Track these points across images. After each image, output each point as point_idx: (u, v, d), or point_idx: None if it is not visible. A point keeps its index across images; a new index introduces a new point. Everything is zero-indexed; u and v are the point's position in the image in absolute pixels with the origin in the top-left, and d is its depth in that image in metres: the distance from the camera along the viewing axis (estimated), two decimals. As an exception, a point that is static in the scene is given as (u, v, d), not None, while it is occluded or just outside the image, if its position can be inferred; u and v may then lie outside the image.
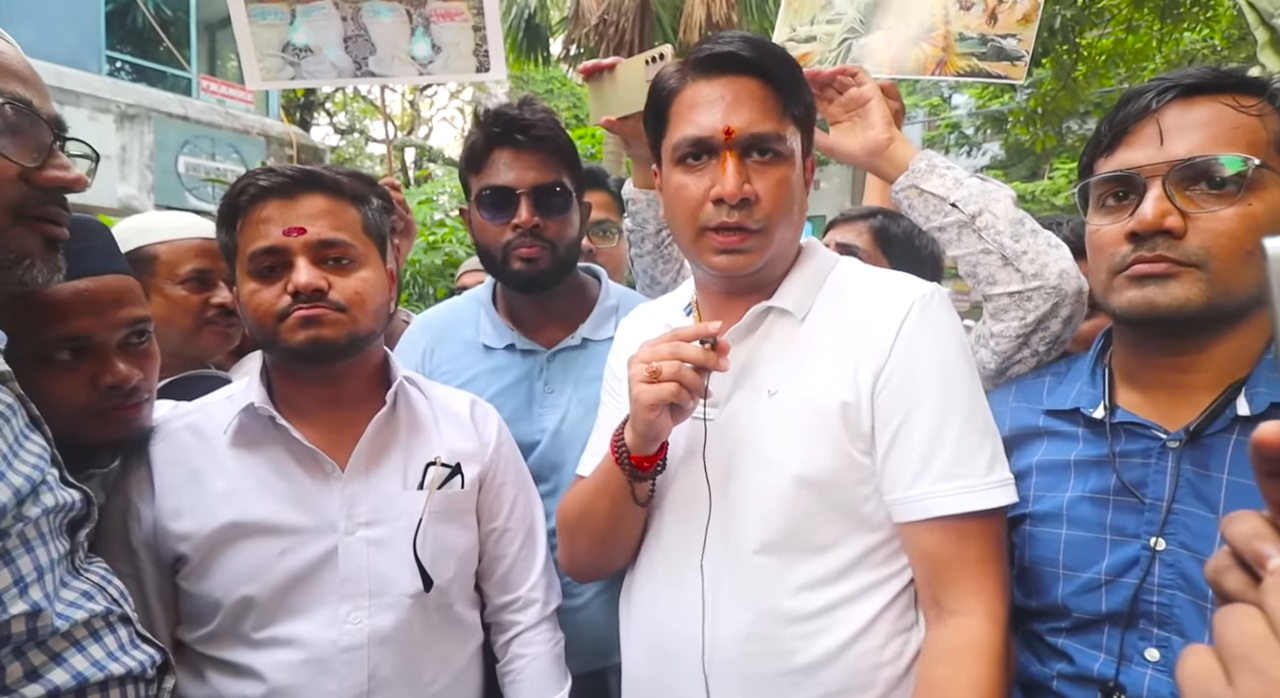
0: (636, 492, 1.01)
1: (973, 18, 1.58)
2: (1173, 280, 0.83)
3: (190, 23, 10.58)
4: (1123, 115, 0.88)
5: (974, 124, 17.17)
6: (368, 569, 1.05)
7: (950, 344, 0.95)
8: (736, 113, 0.93)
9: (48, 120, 0.75)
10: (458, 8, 1.73)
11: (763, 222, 0.94)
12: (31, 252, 0.75)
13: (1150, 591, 0.86)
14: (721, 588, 0.98)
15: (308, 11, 1.68)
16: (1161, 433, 0.89)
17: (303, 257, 1.00)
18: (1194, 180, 0.83)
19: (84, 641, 0.78)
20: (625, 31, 9.92)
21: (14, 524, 0.72)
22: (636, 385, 0.91)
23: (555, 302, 1.43)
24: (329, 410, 1.09)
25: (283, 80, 1.75)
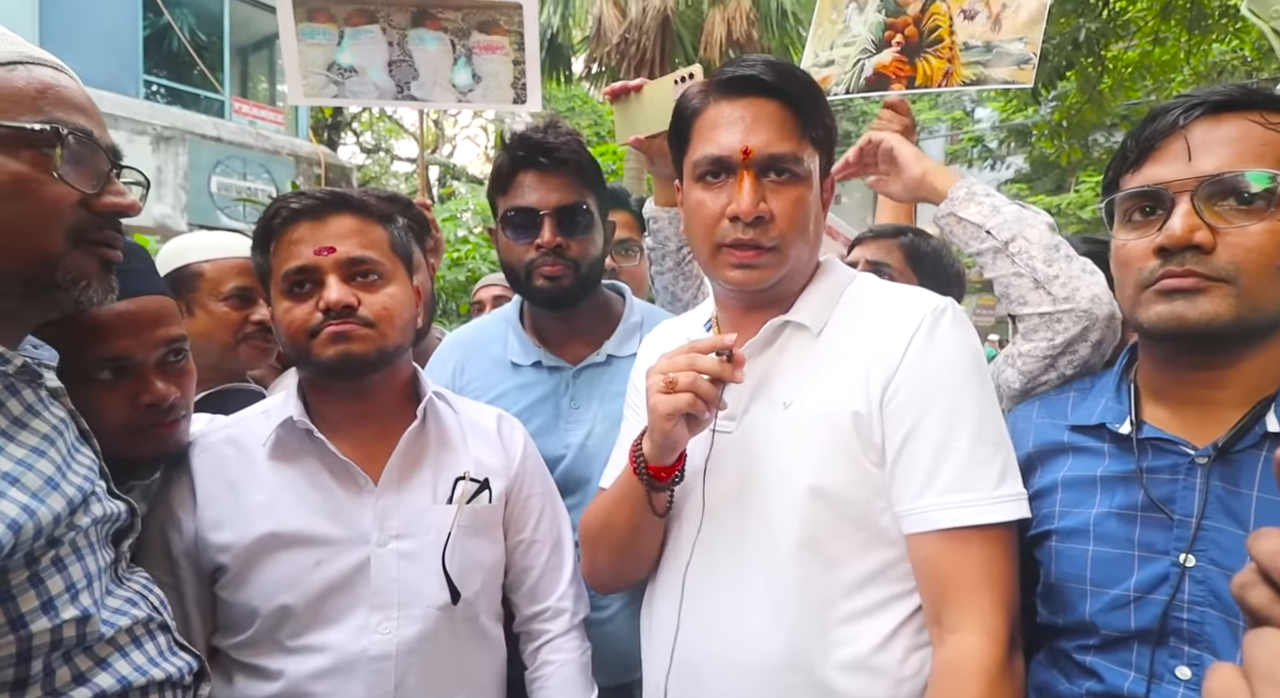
0: (655, 502, 1.02)
1: (977, 26, 1.59)
2: (1202, 295, 0.83)
3: (224, 46, 10.89)
4: (1150, 131, 0.89)
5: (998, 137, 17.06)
6: (398, 581, 1.07)
7: (961, 357, 0.95)
8: (755, 133, 0.95)
9: (106, 149, 0.79)
10: (500, 42, 1.80)
11: (777, 239, 0.96)
12: (89, 273, 0.79)
13: (1181, 607, 0.85)
14: (737, 599, 0.99)
15: (356, 34, 1.75)
16: (1190, 449, 0.88)
17: (333, 274, 1.04)
18: (1222, 196, 0.83)
19: (127, 647, 0.81)
20: (646, 50, 10.03)
21: (67, 533, 0.75)
22: (653, 396, 0.93)
23: (580, 319, 1.46)
24: (361, 425, 1.12)
25: (325, 97, 1.82)
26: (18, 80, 0.73)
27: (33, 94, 0.73)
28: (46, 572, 0.72)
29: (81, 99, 0.78)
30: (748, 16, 9.88)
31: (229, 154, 9.60)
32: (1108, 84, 8.01)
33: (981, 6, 1.59)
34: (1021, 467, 1.00)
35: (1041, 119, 10.01)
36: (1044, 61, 7.03)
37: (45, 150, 0.73)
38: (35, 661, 0.71)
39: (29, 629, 0.70)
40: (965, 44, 1.60)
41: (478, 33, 1.80)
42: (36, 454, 0.75)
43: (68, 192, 0.75)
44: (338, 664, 1.03)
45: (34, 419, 0.77)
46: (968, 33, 1.59)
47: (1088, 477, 0.96)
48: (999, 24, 1.56)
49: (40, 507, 0.71)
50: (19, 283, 0.74)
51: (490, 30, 1.80)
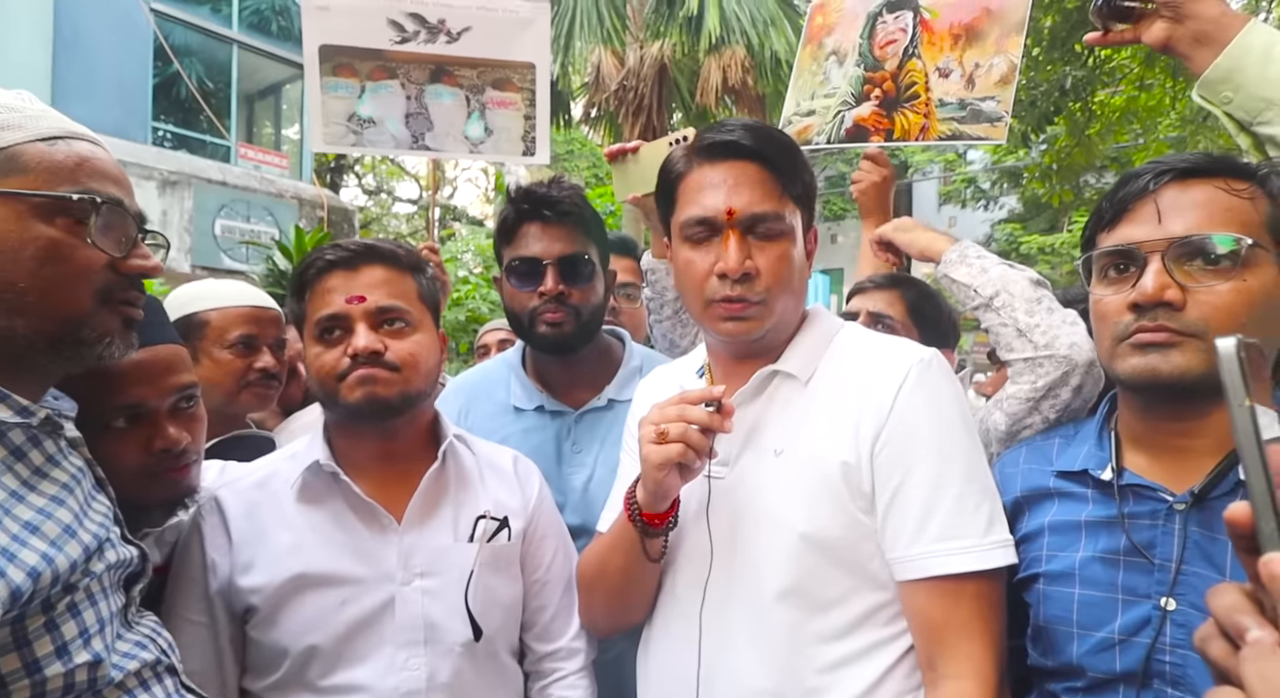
0: (649, 548, 1.05)
1: (951, 84, 1.67)
2: (1174, 349, 0.87)
3: (231, 94, 11.17)
4: (1123, 194, 0.94)
5: (990, 178, 17.37)
6: (423, 618, 1.10)
7: (948, 407, 0.99)
8: (738, 194, 1.00)
9: (134, 216, 0.84)
10: (512, 98, 1.91)
11: (763, 293, 1.00)
12: (112, 331, 0.83)
13: (1163, 650, 0.87)
14: (728, 644, 1.01)
15: (376, 88, 1.86)
16: (1168, 495, 0.91)
17: (362, 322, 1.08)
18: (1191, 257, 0.88)
19: (135, 690, 0.83)
20: (644, 96, 10.29)
21: (82, 579, 0.77)
22: (646, 446, 0.96)
23: (582, 364, 1.50)
24: (384, 466, 1.15)
25: (344, 145, 1.92)
26: (58, 154, 0.79)
27: (71, 166, 0.79)
28: (61, 617, 0.75)
29: (113, 170, 0.83)
30: (743, 64, 10.16)
31: (234, 198, 9.77)
32: (1096, 129, 8.20)
33: (955, 65, 1.68)
34: (1010, 511, 1.03)
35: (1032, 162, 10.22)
36: (1033, 107, 7.23)
37: (80, 218, 0.78)
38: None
39: (43, 674, 0.72)
40: (940, 100, 1.68)
41: (492, 89, 1.90)
42: (56, 503, 0.78)
43: (98, 255, 0.80)
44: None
45: (54, 469, 0.81)
46: (943, 90, 1.67)
47: (1073, 522, 0.99)
48: (972, 83, 1.64)
49: (59, 554, 0.74)
50: (47, 340, 0.78)
51: (504, 87, 1.91)
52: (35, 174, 0.77)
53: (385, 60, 1.84)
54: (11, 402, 0.77)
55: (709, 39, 10.18)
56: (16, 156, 0.76)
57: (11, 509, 0.73)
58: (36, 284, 0.76)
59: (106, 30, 9.31)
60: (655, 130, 10.29)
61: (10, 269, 0.75)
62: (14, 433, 0.77)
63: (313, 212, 10.46)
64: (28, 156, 0.77)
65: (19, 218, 0.75)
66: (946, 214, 21.18)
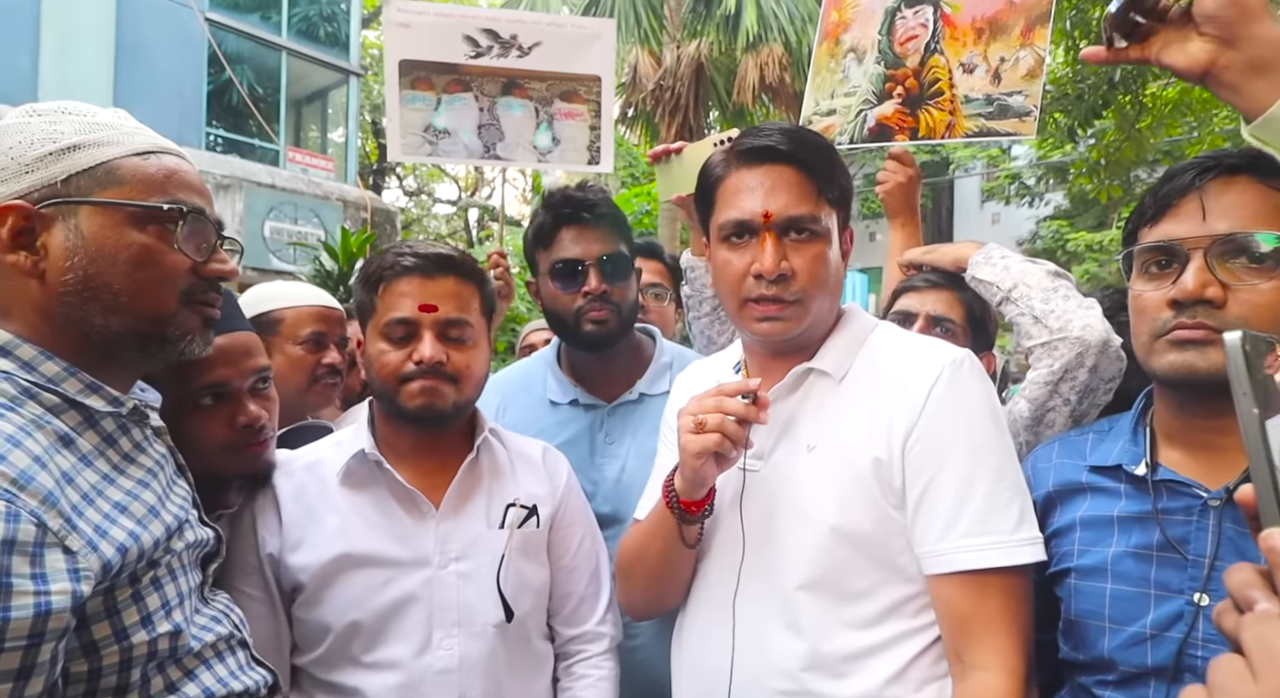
0: (685, 535, 1.08)
1: (976, 79, 1.64)
2: (1212, 346, 0.88)
3: (281, 99, 11.51)
4: (1167, 189, 0.94)
5: (1035, 174, 16.96)
6: (457, 600, 1.16)
7: (979, 406, 1.01)
8: (774, 198, 1.03)
9: (213, 223, 0.92)
10: (579, 109, 2.01)
11: (799, 293, 1.03)
12: (193, 329, 0.90)
13: (1195, 645, 0.88)
14: (759, 630, 1.04)
15: (451, 101, 1.96)
16: (1203, 491, 0.92)
17: (430, 331, 1.15)
18: (1234, 254, 0.88)
19: (211, 660, 0.90)
20: (681, 96, 10.31)
21: (164, 556, 0.84)
22: (684, 435, 1.00)
23: (616, 360, 1.56)
24: (424, 456, 1.22)
25: (420, 155, 2.03)
26: (150, 167, 0.86)
27: (161, 179, 0.86)
28: (146, 590, 0.82)
29: (196, 181, 0.91)
30: (780, 62, 10.12)
31: (282, 200, 10.08)
32: (1147, 122, 7.95)
33: (980, 60, 1.65)
34: (1042, 506, 1.04)
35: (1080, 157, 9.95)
36: (1080, 101, 7.05)
37: (168, 226, 0.85)
38: (134, 669, 0.80)
39: (130, 641, 0.79)
40: (966, 97, 1.65)
41: (560, 101, 2.00)
42: (142, 486, 0.85)
43: (183, 260, 0.87)
44: (407, 679, 1.12)
45: (140, 455, 0.88)
46: (968, 86, 1.64)
47: (1105, 517, 1.00)
48: (998, 77, 1.61)
49: (144, 532, 0.81)
50: (138, 337, 0.85)
51: (571, 99, 2.00)
52: (131, 186, 0.84)
53: (460, 74, 1.93)
54: (104, 393, 0.84)
55: (746, 37, 10.17)
56: (115, 170, 0.83)
57: (104, 491, 0.80)
58: (129, 286, 0.83)
59: (164, 39, 9.69)
60: (692, 129, 10.31)
61: (107, 272, 0.82)
62: (106, 421, 0.85)
63: (357, 213, 10.73)
64: (124, 170, 0.84)
65: (116, 226, 0.82)
66: (990, 211, 20.71)
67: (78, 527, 0.73)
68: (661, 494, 1.09)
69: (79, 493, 0.76)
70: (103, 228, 0.82)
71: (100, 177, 0.83)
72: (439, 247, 1.19)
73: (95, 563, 0.73)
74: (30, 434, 0.74)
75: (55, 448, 0.77)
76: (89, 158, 0.82)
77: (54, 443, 0.77)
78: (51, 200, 0.81)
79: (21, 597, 0.66)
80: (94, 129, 0.84)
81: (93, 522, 0.76)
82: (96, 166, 0.83)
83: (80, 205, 0.82)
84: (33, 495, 0.70)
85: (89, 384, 0.83)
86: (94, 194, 0.82)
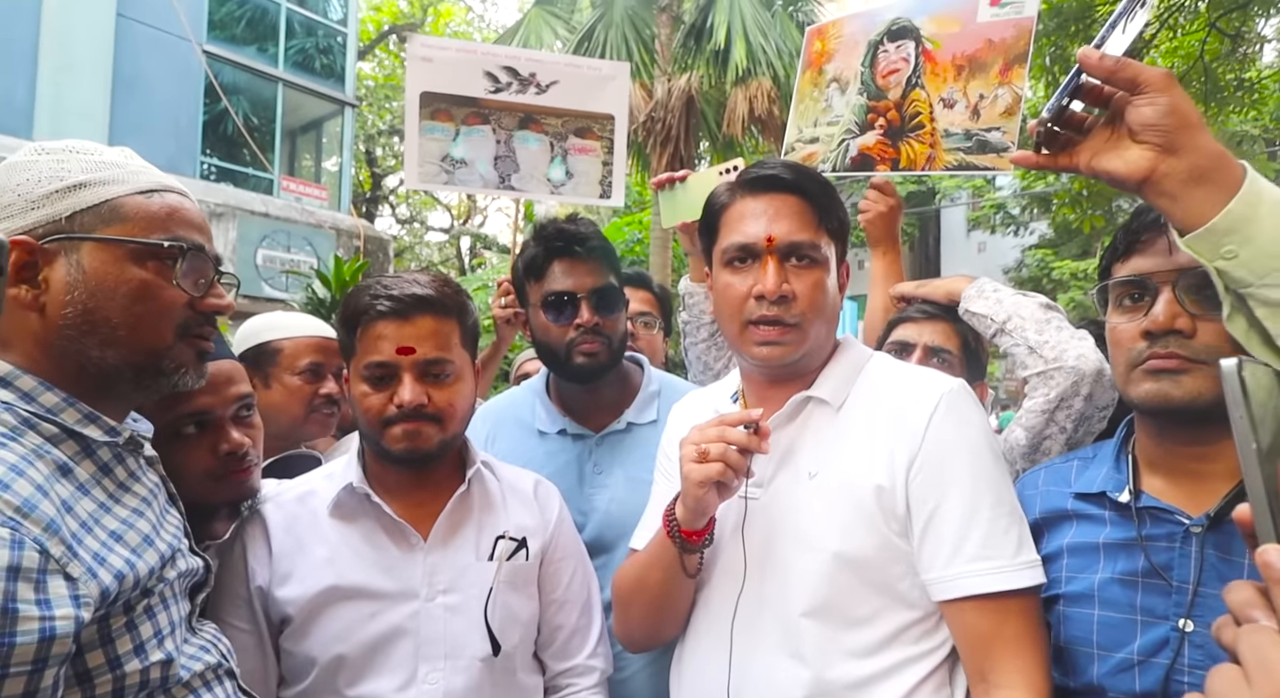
0: (686, 564, 1.09)
1: (956, 115, 1.68)
2: (1185, 375, 0.91)
3: (276, 129, 11.62)
4: (1136, 225, 0.98)
5: (1019, 204, 17.25)
6: (444, 633, 1.15)
7: (977, 434, 1.03)
8: (778, 224, 1.07)
9: (212, 259, 0.93)
10: (592, 145, 2.09)
11: (799, 317, 1.05)
12: (187, 362, 0.91)
13: (1181, 671, 0.89)
14: (758, 659, 1.04)
15: (469, 132, 2.03)
16: (1185, 518, 0.94)
17: (409, 373, 1.13)
18: (1201, 287, 0.91)
19: (199, 690, 0.89)
20: (671, 127, 10.47)
21: (157, 585, 0.84)
22: (687, 465, 1.01)
23: (604, 390, 1.56)
24: (414, 488, 1.22)
25: (436, 184, 2.09)
26: (153, 205, 0.88)
27: (163, 217, 0.88)
28: (139, 619, 0.82)
29: (198, 219, 0.93)
30: (769, 95, 10.30)
31: (275, 228, 10.12)
32: (1126, 153, 8.09)
33: (960, 96, 1.69)
34: (1030, 532, 1.05)
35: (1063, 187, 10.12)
36: (1061, 132, 7.22)
37: (168, 262, 0.87)
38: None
39: (123, 669, 0.78)
40: (946, 131, 1.69)
41: (574, 136, 2.07)
42: (136, 514, 0.86)
43: (180, 295, 0.89)
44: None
45: (135, 484, 0.89)
46: (948, 120, 1.68)
47: (1091, 543, 1.01)
48: (977, 114, 1.66)
49: (139, 561, 0.81)
50: (134, 369, 0.87)
51: (585, 135, 2.08)
52: (133, 223, 0.86)
53: (479, 107, 2.01)
54: (101, 422, 0.85)
55: (736, 71, 10.36)
56: (118, 208, 0.85)
57: (100, 519, 0.80)
58: (127, 320, 0.85)
59: (161, 70, 9.80)
60: (683, 159, 10.45)
61: (107, 306, 0.83)
62: (102, 451, 0.85)
63: (350, 241, 10.77)
64: (128, 208, 0.86)
65: (117, 261, 0.84)
66: (976, 240, 20.98)
67: (78, 554, 0.74)
68: (662, 523, 1.09)
69: (77, 521, 0.77)
70: (104, 263, 0.84)
71: (104, 214, 0.85)
72: (414, 284, 1.16)
73: (95, 590, 0.74)
74: (32, 464, 0.75)
75: (55, 477, 0.78)
76: (94, 195, 0.84)
77: (54, 472, 0.78)
78: (55, 236, 0.83)
79: (27, 622, 0.67)
80: (100, 168, 0.86)
81: (91, 549, 0.76)
82: (100, 204, 0.85)
83: (83, 241, 0.83)
84: (36, 523, 0.71)
85: (87, 415, 0.84)
86: (97, 231, 0.84)
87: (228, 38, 10.98)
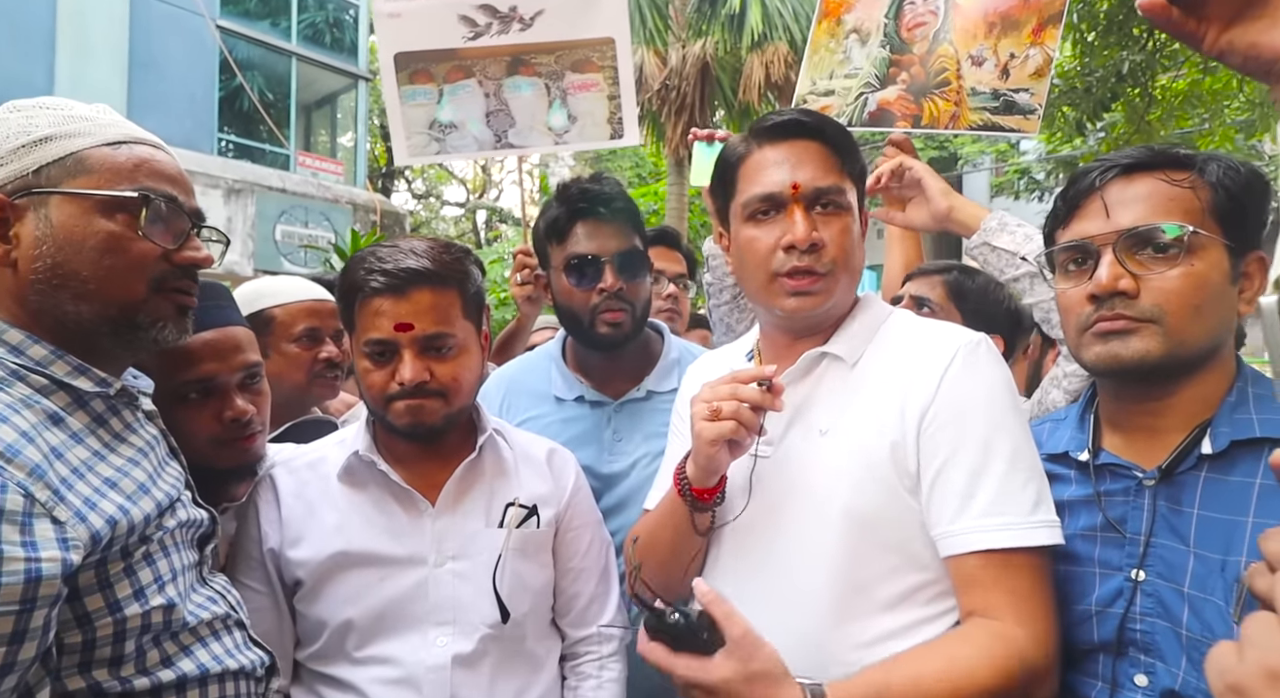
0: (697, 522, 1.08)
1: (985, 73, 1.62)
2: (1133, 335, 0.93)
3: (290, 105, 11.66)
4: (1073, 192, 1.00)
5: (1044, 169, 16.81)
6: (453, 599, 1.16)
7: (994, 388, 1.00)
8: (802, 170, 1.04)
9: (189, 213, 0.92)
10: (594, 79, 1.82)
11: (829, 265, 1.03)
12: (165, 316, 0.91)
13: (1134, 619, 0.92)
14: (769, 618, 1.02)
15: (454, 90, 1.81)
16: (1139, 472, 0.96)
17: (409, 350, 1.12)
18: (1140, 246, 0.93)
19: (207, 638, 0.94)
20: (687, 95, 10.34)
21: (155, 532, 0.87)
22: (699, 422, 0.99)
23: (624, 357, 1.53)
24: (424, 455, 1.22)
25: (428, 155, 1.88)
26: (119, 156, 0.88)
27: (130, 168, 0.88)
28: (138, 565, 0.84)
29: (171, 170, 0.93)
30: (785, 59, 10.12)
31: (292, 204, 10.22)
32: (1156, 115, 7.87)
33: (989, 54, 1.62)
34: None
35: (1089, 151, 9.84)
36: (1088, 94, 6.99)
37: (134, 213, 0.87)
38: (128, 641, 0.82)
39: (123, 613, 0.81)
40: (973, 89, 1.63)
41: (571, 73, 1.83)
42: (132, 464, 0.89)
43: (152, 248, 0.88)
44: (400, 675, 1.13)
45: (131, 436, 0.92)
46: (975, 78, 1.62)
47: (1059, 501, 1.03)
48: (1006, 73, 1.60)
49: (133, 507, 0.84)
50: (110, 323, 0.87)
51: (583, 69, 1.82)
52: (99, 175, 0.86)
53: (460, 59, 1.78)
54: (91, 374, 0.87)
55: (751, 36, 10.18)
56: (84, 160, 0.85)
57: (94, 467, 0.83)
58: (97, 273, 0.85)
59: (177, 48, 9.85)
60: (699, 128, 10.32)
61: (76, 260, 0.84)
62: (95, 402, 0.88)
63: (366, 216, 10.85)
64: (93, 160, 0.86)
65: (84, 214, 0.84)
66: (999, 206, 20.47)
67: (65, 498, 0.76)
68: (673, 482, 1.08)
69: (68, 468, 0.79)
70: (71, 217, 0.84)
71: (70, 166, 0.85)
72: (410, 256, 1.12)
73: (84, 534, 0.76)
74: (18, 411, 0.78)
75: (44, 425, 0.80)
76: (60, 149, 0.85)
77: (43, 421, 0.80)
78: (24, 192, 0.83)
79: (13, 563, 0.69)
80: (67, 121, 0.86)
81: (82, 494, 0.79)
82: (66, 157, 0.85)
83: (50, 195, 0.84)
84: (19, 468, 0.73)
85: (76, 367, 0.86)
86: (63, 184, 0.84)
87: (241, 13, 10.97)
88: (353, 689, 1.14)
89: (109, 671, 0.82)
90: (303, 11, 11.71)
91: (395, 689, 1.13)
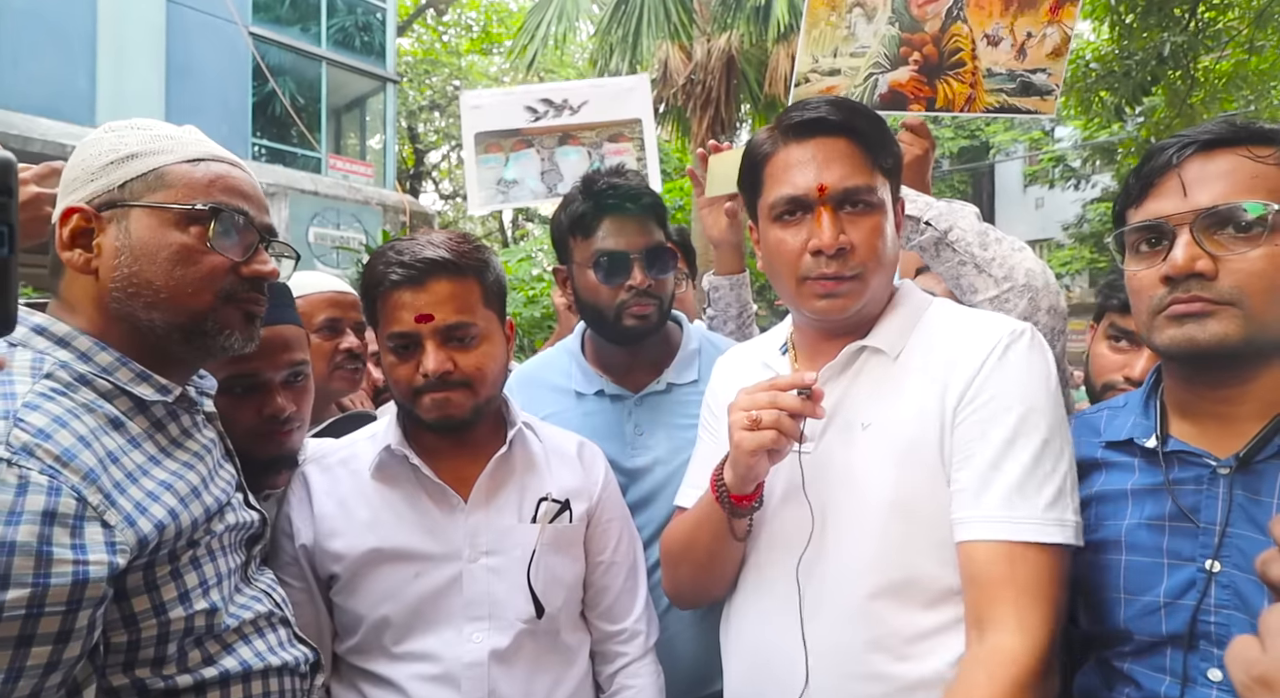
0: (735, 527, 1.07)
1: (1001, 53, 1.58)
2: (1210, 318, 0.88)
3: (321, 108, 11.85)
4: (1148, 169, 0.95)
5: (1080, 156, 16.44)
6: (487, 594, 1.16)
7: (1034, 379, 0.98)
8: (828, 170, 1.01)
9: (259, 227, 0.96)
10: (626, 147, 2.29)
11: (858, 268, 1.01)
12: (233, 324, 0.94)
13: (1208, 611, 0.88)
14: (821, 615, 1.01)
15: (518, 157, 2.30)
16: (1212, 460, 0.92)
17: (431, 341, 1.12)
18: (1219, 226, 0.89)
19: (250, 636, 0.95)
20: (712, 89, 10.26)
21: (204, 537, 0.89)
22: (738, 432, 0.97)
23: (645, 350, 1.52)
24: (455, 450, 1.22)
25: (495, 204, 2.31)
26: (196, 172, 0.92)
27: (205, 183, 0.92)
28: (185, 568, 0.86)
29: (245, 186, 0.96)
30: (812, 51, 10.00)
31: (325, 206, 10.38)
32: (1199, 97, 7.65)
33: (1006, 33, 1.58)
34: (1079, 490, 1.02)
35: (1128, 136, 9.60)
36: (1127, 77, 6.82)
37: (205, 226, 0.91)
38: (170, 643, 0.84)
39: (168, 616, 0.83)
40: (989, 70, 1.58)
41: (608, 143, 2.28)
42: (186, 468, 0.91)
43: (222, 260, 0.92)
44: (437, 671, 1.13)
45: (188, 440, 0.94)
46: (991, 58, 1.58)
47: (1120, 490, 1.01)
48: (1023, 53, 1.56)
49: (184, 512, 0.86)
50: (180, 331, 0.91)
51: (618, 140, 2.29)
52: (176, 189, 0.90)
53: (523, 135, 2.28)
54: (153, 382, 0.90)
55: (777, 28, 10.07)
56: (164, 175, 0.90)
57: (149, 471, 0.85)
58: (169, 283, 0.89)
59: (211, 55, 10.07)
60: (724, 123, 10.26)
61: (150, 270, 0.88)
62: (155, 408, 0.91)
63: (396, 216, 10.98)
64: (172, 175, 0.90)
65: (159, 226, 0.89)
66: (1033, 195, 20.11)
67: (117, 503, 0.78)
68: (710, 487, 1.07)
69: (123, 472, 0.82)
70: (148, 228, 0.89)
71: (151, 181, 0.90)
72: (428, 247, 1.14)
73: (132, 538, 0.78)
74: (78, 416, 0.80)
75: (104, 429, 0.83)
76: (143, 165, 0.89)
77: (103, 425, 0.83)
78: (109, 205, 0.88)
79: (61, 565, 0.71)
80: (154, 140, 0.91)
81: (134, 499, 0.81)
82: (149, 173, 0.89)
83: (131, 208, 0.89)
84: (75, 472, 0.75)
85: (139, 373, 0.89)
86: (144, 198, 0.89)
87: (272, 19, 11.18)
88: (392, 686, 1.14)
89: (152, 669, 0.84)
90: (332, 16, 11.89)
91: (435, 686, 1.13)
